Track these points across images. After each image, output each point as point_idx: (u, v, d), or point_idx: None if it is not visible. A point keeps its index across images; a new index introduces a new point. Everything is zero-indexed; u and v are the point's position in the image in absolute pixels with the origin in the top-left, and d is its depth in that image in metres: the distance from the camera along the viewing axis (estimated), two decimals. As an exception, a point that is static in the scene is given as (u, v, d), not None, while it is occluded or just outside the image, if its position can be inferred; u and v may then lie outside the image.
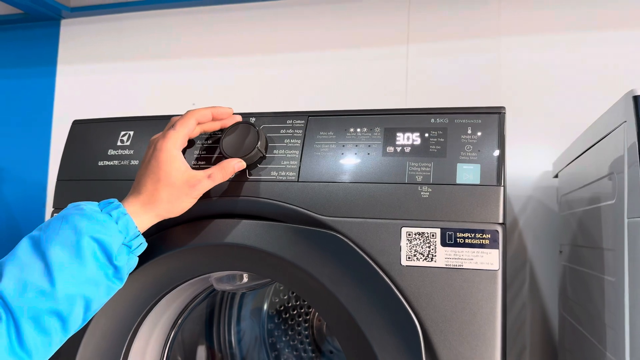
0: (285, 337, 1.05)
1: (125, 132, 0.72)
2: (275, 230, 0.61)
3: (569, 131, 1.07)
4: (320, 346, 1.05)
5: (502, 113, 0.60)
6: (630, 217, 0.54)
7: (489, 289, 0.54)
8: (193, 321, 0.86)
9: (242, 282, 0.71)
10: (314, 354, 1.04)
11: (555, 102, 1.08)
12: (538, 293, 1.08)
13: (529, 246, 1.09)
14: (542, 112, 1.09)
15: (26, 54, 1.47)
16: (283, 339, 1.05)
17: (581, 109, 1.07)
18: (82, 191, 0.72)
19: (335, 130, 0.64)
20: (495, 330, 0.54)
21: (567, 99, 1.08)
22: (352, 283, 0.57)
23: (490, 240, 0.55)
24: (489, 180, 0.57)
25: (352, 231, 0.59)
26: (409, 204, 0.58)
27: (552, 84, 1.09)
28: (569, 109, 1.08)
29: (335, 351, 1.04)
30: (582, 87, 1.07)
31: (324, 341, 1.04)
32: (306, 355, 1.04)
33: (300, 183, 0.62)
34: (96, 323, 0.65)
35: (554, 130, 1.08)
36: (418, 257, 0.56)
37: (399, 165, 0.60)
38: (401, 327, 0.54)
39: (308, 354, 1.04)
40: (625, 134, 0.56)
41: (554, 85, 1.09)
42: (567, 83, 1.08)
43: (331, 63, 1.23)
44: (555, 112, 1.08)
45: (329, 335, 1.04)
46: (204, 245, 0.62)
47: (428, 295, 0.55)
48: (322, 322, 1.05)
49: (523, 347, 1.08)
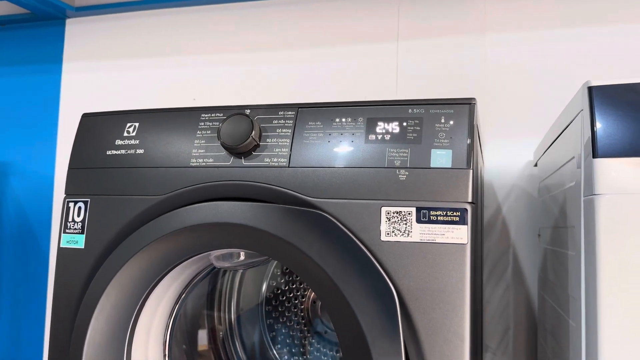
0: (282, 318, 1.11)
1: (131, 123, 0.79)
2: (269, 210, 0.67)
3: (549, 123, 1.14)
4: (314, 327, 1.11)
5: (472, 104, 0.66)
6: (585, 196, 0.61)
7: (459, 261, 0.61)
8: (196, 297, 0.93)
9: (239, 260, 0.77)
10: (309, 334, 1.11)
11: (537, 96, 1.15)
12: (521, 276, 1.14)
13: (512, 232, 1.15)
14: (525, 105, 1.15)
15: (33, 53, 1.52)
16: (280, 320, 1.11)
17: (560, 101, 1.13)
18: (92, 178, 0.78)
19: (322, 120, 0.70)
20: (464, 298, 0.60)
21: (548, 92, 1.14)
22: (337, 257, 0.63)
23: (460, 217, 0.62)
24: (459, 164, 0.63)
25: (337, 211, 0.65)
26: (388, 186, 0.64)
27: (535, 78, 1.15)
28: (550, 101, 1.14)
29: (329, 331, 1.10)
30: (562, 80, 1.13)
31: (317, 322, 1.11)
32: (302, 335, 1.11)
33: (290, 168, 0.69)
34: (107, 296, 0.72)
35: (536, 123, 1.15)
36: (396, 233, 0.63)
37: (379, 151, 0.66)
38: (380, 295, 0.61)
39: (304, 333, 1.11)
40: (582, 121, 0.62)
41: (536, 79, 1.15)
42: (549, 77, 1.14)
43: (323, 60, 1.29)
44: (538, 104, 1.15)
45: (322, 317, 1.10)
46: (204, 224, 0.69)
47: (404, 267, 0.62)
48: (316, 304, 1.11)
49: (507, 327, 1.14)
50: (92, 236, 0.77)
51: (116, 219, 0.76)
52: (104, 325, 0.73)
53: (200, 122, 0.75)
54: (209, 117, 0.75)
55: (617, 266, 0.56)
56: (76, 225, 0.79)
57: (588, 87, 0.61)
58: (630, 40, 1.10)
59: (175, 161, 0.74)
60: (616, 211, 0.56)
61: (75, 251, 0.78)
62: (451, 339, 0.60)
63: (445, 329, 0.60)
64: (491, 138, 1.17)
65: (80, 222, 0.78)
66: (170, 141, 0.76)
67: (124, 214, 0.75)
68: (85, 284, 0.76)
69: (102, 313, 0.73)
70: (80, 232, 0.78)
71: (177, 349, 0.87)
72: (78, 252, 0.77)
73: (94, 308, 0.73)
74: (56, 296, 0.78)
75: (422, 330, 0.60)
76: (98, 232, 0.77)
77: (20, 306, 1.46)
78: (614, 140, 0.58)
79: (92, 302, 0.73)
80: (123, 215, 0.75)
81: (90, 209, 0.78)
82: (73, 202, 0.80)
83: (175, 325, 0.83)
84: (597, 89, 0.60)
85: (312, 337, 1.10)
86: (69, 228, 0.79)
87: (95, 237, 0.77)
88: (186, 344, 0.92)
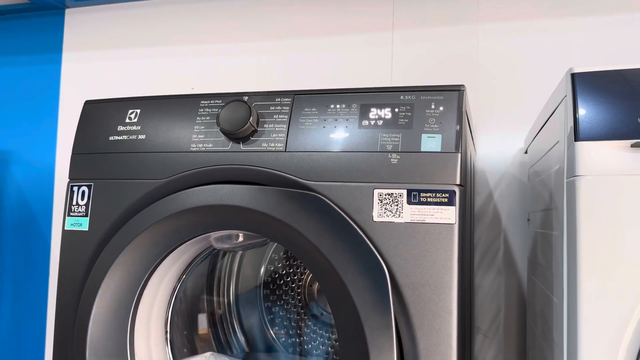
0: (279, 302, 1.14)
1: (133, 110, 0.81)
2: (266, 193, 0.70)
3: (539, 111, 1.17)
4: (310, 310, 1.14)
5: (461, 90, 0.69)
6: (568, 178, 0.64)
7: (447, 240, 0.64)
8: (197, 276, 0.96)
9: (238, 241, 0.80)
10: (305, 316, 1.14)
11: (529, 85, 1.17)
12: (511, 260, 1.18)
13: (503, 218, 1.18)
14: (517, 94, 1.18)
15: (33, 42, 1.53)
16: (278, 303, 1.14)
17: (550, 90, 1.16)
18: (95, 163, 0.81)
19: (317, 107, 0.73)
20: (452, 275, 0.64)
21: (539, 82, 1.17)
22: (332, 237, 0.66)
23: (449, 199, 0.65)
24: (448, 148, 0.66)
25: (332, 193, 0.68)
26: (380, 169, 0.67)
27: (526, 67, 1.18)
28: (540, 90, 1.17)
29: (325, 313, 1.13)
30: (552, 70, 1.16)
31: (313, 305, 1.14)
32: (298, 318, 1.14)
33: (287, 153, 0.72)
34: (111, 276, 0.75)
35: (527, 111, 1.17)
36: (387, 214, 0.66)
37: (372, 136, 0.69)
38: (372, 272, 0.64)
39: (300, 316, 1.14)
40: (565, 107, 0.65)
41: (528, 69, 1.18)
42: (540, 66, 1.17)
43: (319, 50, 1.31)
44: (530, 93, 1.17)
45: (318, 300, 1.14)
46: (204, 206, 0.72)
47: (395, 245, 0.65)
48: (312, 288, 1.14)
49: (498, 310, 1.18)
50: (96, 219, 0.80)
51: (119, 202, 0.79)
52: (108, 304, 0.76)
53: (200, 108, 0.78)
54: (208, 103, 0.78)
55: (597, 244, 0.59)
56: (80, 208, 0.81)
57: (571, 74, 0.64)
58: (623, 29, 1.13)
59: (175, 146, 0.77)
60: (596, 191, 0.59)
61: (79, 233, 0.81)
62: (440, 313, 0.63)
63: (434, 304, 0.63)
64: (483, 126, 1.20)
65: (84, 206, 0.81)
66: (170, 127, 0.78)
67: (126, 197, 0.78)
68: (89, 265, 0.79)
69: (106, 292, 0.76)
70: (84, 215, 0.81)
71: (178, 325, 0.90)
72: (82, 235, 0.80)
73: (98, 287, 0.76)
74: (61, 277, 0.81)
75: (412, 305, 0.64)
76: (101, 215, 0.79)
77: (22, 293, 1.48)
78: (595, 124, 0.61)
79: (96, 282, 0.76)
80: (125, 199, 0.78)
81: (94, 193, 0.81)
82: (77, 186, 0.82)
83: (176, 305, 0.87)
84: (580, 75, 0.63)
85: (309, 319, 1.14)
86: (73, 211, 0.82)
87: (98, 220, 0.80)
88: (187, 329, 0.95)
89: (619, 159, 0.59)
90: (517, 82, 1.18)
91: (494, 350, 1.17)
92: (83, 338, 0.75)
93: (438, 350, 0.62)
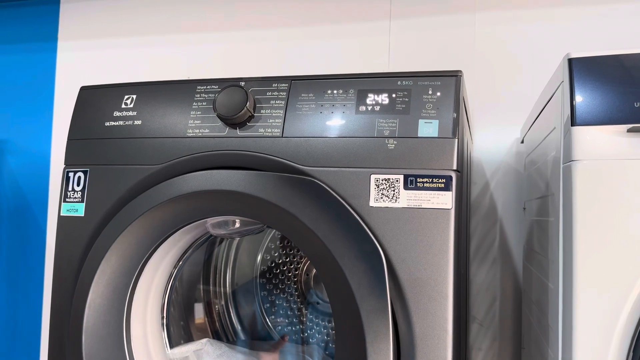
0: (276, 290, 1.15)
1: (129, 95, 0.81)
2: (263, 178, 0.70)
3: (535, 99, 1.17)
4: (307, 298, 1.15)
5: (459, 76, 0.69)
6: (564, 163, 0.64)
7: (443, 225, 0.64)
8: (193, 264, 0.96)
9: (234, 227, 0.80)
10: (302, 304, 1.14)
11: (525, 74, 1.17)
12: (507, 249, 1.18)
13: (499, 207, 1.19)
14: (514, 84, 1.18)
15: (28, 31, 1.52)
16: (274, 292, 1.14)
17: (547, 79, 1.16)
18: (91, 149, 0.81)
19: (314, 92, 0.73)
20: (448, 259, 0.64)
21: (536, 71, 1.17)
22: (329, 222, 0.66)
23: (445, 184, 0.65)
24: (445, 134, 0.66)
25: (329, 178, 0.68)
26: (377, 154, 0.67)
27: (523, 56, 1.18)
28: (537, 80, 1.17)
29: (321, 302, 1.14)
30: (549, 58, 1.16)
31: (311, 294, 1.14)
32: (295, 307, 1.14)
33: (284, 138, 0.72)
34: (107, 262, 0.75)
35: (524, 101, 1.17)
36: (384, 199, 0.66)
37: (369, 121, 0.69)
38: (369, 257, 0.64)
39: (297, 304, 1.14)
40: (562, 92, 0.65)
41: (525, 58, 1.18)
42: (537, 55, 1.17)
43: (316, 38, 1.31)
44: (526, 83, 1.17)
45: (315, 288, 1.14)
46: (200, 191, 0.72)
47: (392, 230, 0.65)
48: (309, 276, 1.15)
49: (494, 299, 1.19)
50: (92, 205, 0.80)
51: (115, 188, 0.78)
52: (104, 289, 0.76)
53: (196, 94, 0.78)
54: (204, 89, 0.77)
55: (593, 228, 0.60)
56: (76, 194, 0.81)
57: (568, 59, 0.64)
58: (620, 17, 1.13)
59: (172, 132, 0.77)
60: (592, 176, 0.60)
61: (75, 219, 0.80)
62: (435, 297, 0.63)
63: (430, 288, 0.64)
64: (480, 117, 1.20)
65: (80, 192, 0.81)
66: (167, 112, 0.78)
67: (122, 183, 0.78)
68: (85, 250, 0.79)
69: (102, 277, 0.76)
70: (80, 200, 0.81)
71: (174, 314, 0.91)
72: (78, 220, 0.80)
73: (94, 273, 0.76)
74: (57, 263, 0.81)
75: (408, 289, 0.64)
76: (97, 200, 0.79)
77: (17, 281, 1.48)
78: (592, 109, 0.61)
79: (92, 267, 0.76)
80: (121, 184, 0.78)
81: (90, 179, 0.80)
82: (73, 172, 0.82)
83: (172, 291, 0.87)
84: (577, 60, 0.63)
85: (306, 308, 1.14)
86: (69, 197, 0.81)
87: (94, 206, 0.79)
88: (183, 317, 0.96)
89: (615, 144, 0.59)
90: (515, 72, 1.18)
91: (489, 339, 1.18)
92: (79, 324, 0.75)
93: (434, 334, 0.62)
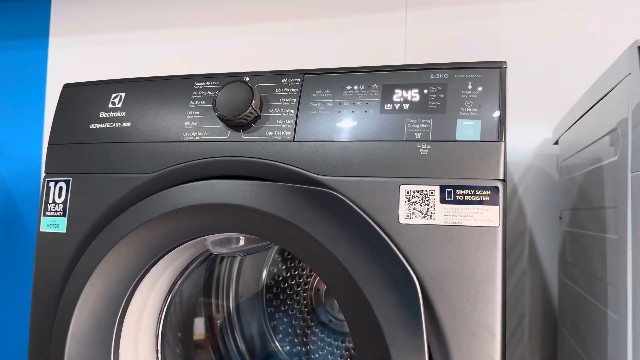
0: (283, 306, 1.05)
1: (117, 94, 0.70)
2: (272, 190, 0.60)
3: (569, 97, 1.06)
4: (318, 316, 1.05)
5: (503, 67, 0.58)
6: (634, 172, 0.53)
7: (489, 246, 0.53)
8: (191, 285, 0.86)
9: (238, 245, 0.70)
10: (313, 322, 1.04)
11: (555, 69, 1.07)
12: (537, 260, 1.07)
13: (528, 214, 1.08)
14: (542, 79, 1.07)
15: (18, 27, 1.44)
16: (282, 308, 1.04)
17: (582, 74, 1.05)
18: (74, 155, 0.70)
19: (331, 88, 0.62)
20: (495, 288, 0.53)
21: (567, 65, 1.06)
22: (350, 242, 0.56)
23: (491, 197, 0.54)
24: (489, 136, 0.55)
25: (350, 190, 0.58)
26: (407, 161, 0.57)
27: (552, 50, 1.07)
28: (569, 74, 1.06)
29: (334, 320, 1.04)
30: (582, 51, 1.05)
31: (321, 311, 1.04)
32: (305, 325, 1.04)
33: (296, 142, 0.61)
34: (91, 286, 0.65)
35: (555, 97, 1.07)
36: (417, 214, 0.55)
37: (397, 122, 0.58)
38: (400, 284, 0.53)
39: (307, 322, 1.04)
40: (629, 86, 0.54)
41: (554, 51, 1.07)
42: (568, 48, 1.06)
43: (327, 30, 1.20)
44: (556, 78, 1.07)
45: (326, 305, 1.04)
46: (199, 205, 0.61)
47: (427, 252, 0.54)
48: (320, 292, 1.05)
49: (522, 314, 1.08)
50: (75, 219, 0.69)
51: (101, 200, 0.68)
52: (88, 318, 0.65)
53: (194, 91, 0.67)
54: (203, 85, 0.67)
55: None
56: (57, 207, 0.71)
57: (638, 47, 0.53)
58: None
59: (165, 135, 0.66)
60: (674, 188, 0.49)
61: (56, 236, 0.70)
62: (480, 333, 0.52)
63: (474, 322, 0.53)
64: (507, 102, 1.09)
65: (61, 204, 0.71)
66: (159, 113, 0.68)
67: (109, 195, 0.68)
68: (67, 272, 0.68)
69: (86, 304, 0.66)
70: (61, 214, 0.70)
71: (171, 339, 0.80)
72: (59, 237, 0.70)
73: (77, 299, 0.65)
74: (36, 287, 0.70)
75: (447, 323, 0.53)
76: (81, 214, 0.69)
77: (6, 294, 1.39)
78: (672, 107, 0.50)
79: (74, 292, 0.66)
80: (108, 196, 0.68)
81: (72, 189, 0.70)
82: (53, 181, 0.72)
83: (168, 317, 0.76)
84: (651, 47, 0.52)
85: (316, 326, 1.04)
86: (50, 210, 0.71)
87: (77, 221, 0.69)
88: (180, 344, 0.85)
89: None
90: (543, 67, 1.07)
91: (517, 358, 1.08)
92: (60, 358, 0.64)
93: (480, 378, 0.52)
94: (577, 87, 1.05)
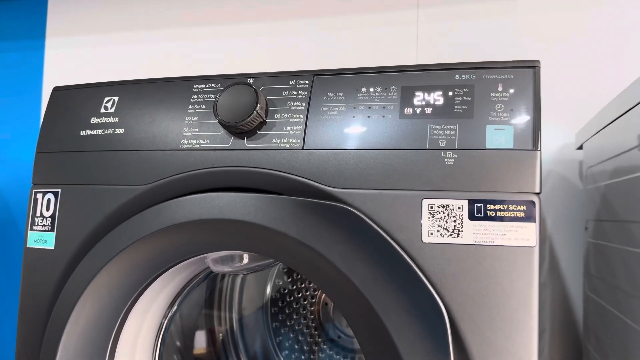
0: (289, 321, 0.99)
1: (110, 97, 0.65)
2: (278, 203, 0.54)
3: (593, 100, 1.00)
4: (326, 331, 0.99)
5: (537, 67, 0.52)
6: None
7: (525, 268, 0.47)
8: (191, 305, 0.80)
9: (241, 264, 0.64)
10: (320, 338, 0.99)
11: (578, 71, 1.01)
12: (558, 272, 1.01)
13: (549, 223, 1.02)
14: (564, 80, 1.01)
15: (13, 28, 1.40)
16: (287, 323, 0.99)
17: (607, 77, 0.99)
18: (63, 164, 0.65)
19: (344, 90, 0.56)
20: (532, 315, 0.47)
21: (592, 67, 1.00)
22: (367, 263, 0.50)
23: (526, 213, 0.48)
24: (523, 144, 0.49)
25: (366, 204, 0.52)
26: (431, 172, 0.51)
27: (575, 50, 1.01)
28: (593, 77, 1.00)
29: (343, 336, 0.98)
30: (607, 53, 0.99)
31: (329, 326, 0.99)
32: (312, 341, 0.99)
33: (305, 151, 0.55)
34: (81, 307, 0.59)
35: (577, 100, 1.01)
36: (442, 232, 0.49)
37: (419, 128, 0.52)
38: (424, 311, 0.47)
39: (314, 338, 0.99)
40: (681, 88, 0.48)
41: (577, 52, 1.01)
42: (592, 49, 1.00)
43: (336, 29, 1.15)
44: (579, 80, 1.01)
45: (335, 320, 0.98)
46: (198, 220, 0.55)
47: (454, 275, 0.48)
48: (329, 306, 0.99)
49: (542, 329, 1.02)
50: (64, 234, 0.64)
51: (92, 214, 0.62)
52: (77, 344, 0.60)
53: (193, 94, 0.61)
54: (203, 88, 0.61)
55: None
56: (45, 221, 0.65)
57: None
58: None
59: (162, 143, 0.61)
60: None
61: (44, 252, 0.64)
62: (516, 369, 0.46)
63: (508, 354, 0.47)
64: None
65: (49, 218, 0.65)
66: (155, 118, 0.62)
67: (101, 208, 0.62)
68: (55, 291, 0.63)
69: (76, 327, 0.60)
70: (49, 229, 0.65)
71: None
72: (47, 254, 0.64)
73: (65, 321, 0.60)
74: (22, 307, 0.65)
75: (478, 356, 0.47)
76: (71, 229, 0.63)
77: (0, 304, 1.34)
78: None
79: (63, 314, 0.60)
80: (100, 209, 0.62)
81: (62, 202, 0.64)
82: (41, 193, 0.66)
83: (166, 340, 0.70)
84: None
85: (324, 342, 0.99)
86: (37, 224, 0.66)
87: (67, 236, 0.63)
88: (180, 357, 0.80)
89: None
90: (565, 69, 1.01)
91: (537, 376, 1.01)
92: (46, 387, 0.59)
93: (516, 420, 0.46)
94: (604, 89, 0.99)
